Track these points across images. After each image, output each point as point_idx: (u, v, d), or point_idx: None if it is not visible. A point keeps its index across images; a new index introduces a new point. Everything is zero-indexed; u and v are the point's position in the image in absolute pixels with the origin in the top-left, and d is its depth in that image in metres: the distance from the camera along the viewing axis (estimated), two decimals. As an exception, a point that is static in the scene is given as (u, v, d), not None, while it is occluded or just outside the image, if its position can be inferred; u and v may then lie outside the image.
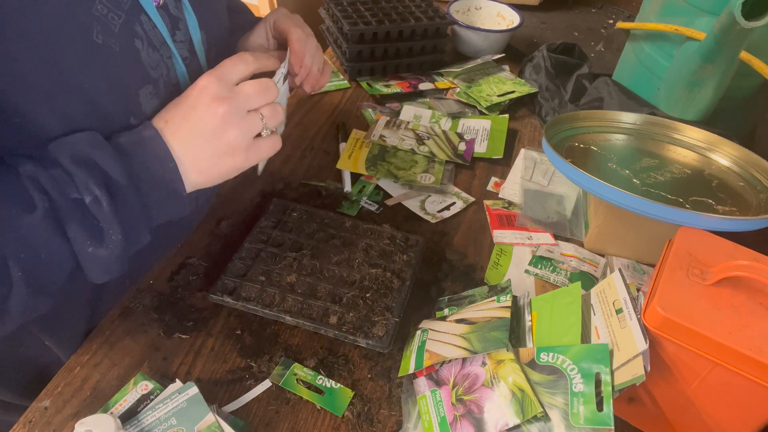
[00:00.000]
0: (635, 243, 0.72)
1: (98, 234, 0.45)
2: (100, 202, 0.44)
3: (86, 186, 0.44)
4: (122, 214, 0.45)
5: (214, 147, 0.50)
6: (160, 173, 0.48)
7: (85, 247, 0.45)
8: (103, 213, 0.44)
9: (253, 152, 0.52)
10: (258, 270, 0.65)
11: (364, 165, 0.84)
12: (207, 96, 0.49)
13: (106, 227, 0.45)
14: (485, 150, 0.90)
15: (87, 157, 0.44)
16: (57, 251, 0.44)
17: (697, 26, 0.77)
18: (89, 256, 0.45)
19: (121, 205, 0.45)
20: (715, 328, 0.46)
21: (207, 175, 0.51)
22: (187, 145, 0.49)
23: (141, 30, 0.49)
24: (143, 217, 0.48)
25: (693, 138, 0.79)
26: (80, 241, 0.45)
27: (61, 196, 0.43)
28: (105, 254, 0.46)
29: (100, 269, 0.47)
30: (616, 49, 1.22)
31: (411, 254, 0.69)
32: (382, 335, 0.59)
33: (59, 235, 0.44)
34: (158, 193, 0.48)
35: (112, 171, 0.45)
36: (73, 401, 0.54)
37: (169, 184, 0.49)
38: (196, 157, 0.49)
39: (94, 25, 0.44)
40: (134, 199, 0.46)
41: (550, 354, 0.50)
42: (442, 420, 0.52)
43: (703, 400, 0.50)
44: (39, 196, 0.43)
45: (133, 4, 0.47)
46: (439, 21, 1.02)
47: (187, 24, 0.55)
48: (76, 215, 0.44)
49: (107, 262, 0.46)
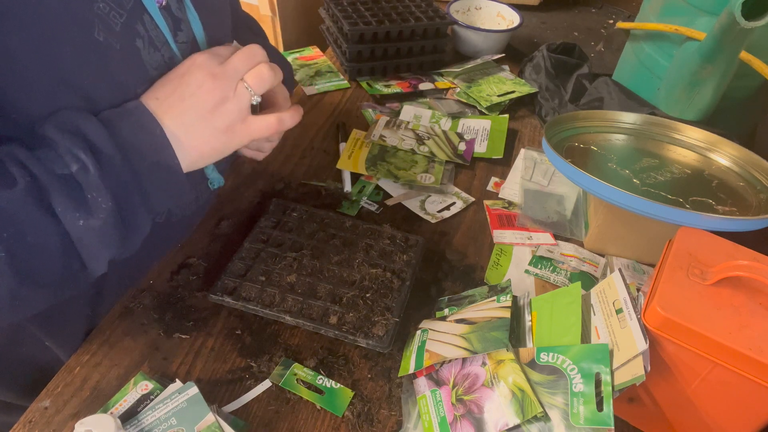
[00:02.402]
0: (635, 243, 0.72)
1: (86, 203, 0.43)
2: (86, 167, 0.42)
3: (71, 153, 0.42)
4: (110, 179, 0.44)
5: (209, 123, 0.49)
6: (148, 140, 0.47)
7: (75, 221, 0.43)
8: (89, 179, 0.43)
9: (246, 129, 0.51)
10: (258, 270, 0.65)
11: (364, 165, 0.84)
12: (199, 70, 0.49)
13: (94, 195, 0.43)
14: (485, 150, 0.90)
15: (72, 125, 0.43)
16: (44, 231, 0.42)
17: (697, 26, 0.77)
18: (81, 230, 0.43)
19: (108, 171, 0.44)
20: (715, 328, 0.46)
21: (202, 151, 0.50)
22: (180, 120, 0.48)
23: (143, 30, 0.49)
24: (135, 187, 0.46)
25: (693, 138, 0.79)
26: (69, 215, 0.42)
27: (43, 170, 0.42)
28: (97, 224, 0.43)
29: (97, 245, 0.45)
30: (616, 49, 1.22)
31: (411, 254, 0.69)
32: (382, 335, 0.59)
33: (45, 212, 0.42)
34: (148, 161, 0.47)
35: (97, 138, 0.43)
36: (73, 401, 0.54)
37: (159, 152, 0.47)
38: (190, 134, 0.49)
39: (96, 23, 0.44)
40: (123, 166, 0.45)
41: (550, 354, 0.50)
42: (442, 420, 0.52)
43: (703, 400, 0.50)
44: (18, 171, 0.41)
45: (135, 4, 0.47)
46: (439, 21, 1.02)
47: (189, 25, 0.55)
48: (60, 187, 0.42)
49: (102, 235, 0.44)
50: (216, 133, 0.50)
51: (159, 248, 0.67)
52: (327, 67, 1.08)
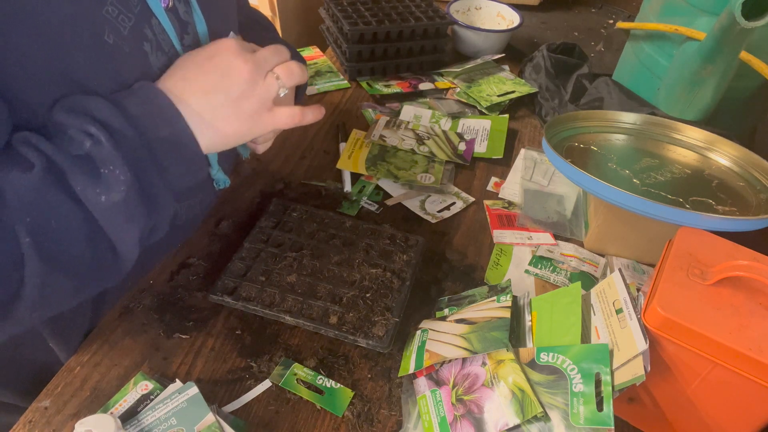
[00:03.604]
0: (635, 243, 0.72)
1: (105, 179, 0.42)
2: (98, 140, 0.42)
3: (83, 130, 0.42)
4: (125, 151, 0.43)
5: (236, 106, 0.49)
6: (157, 113, 0.46)
7: (96, 198, 0.42)
8: (103, 152, 0.42)
9: (270, 117, 0.51)
10: (258, 270, 0.65)
11: (364, 165, 0.84)
12: (230, 53, 0.49)
13: (110, 168, 0.42)
14: (485, 150, 0.90)
15: (79, 106, 0.43)
16: (67, 214, 0.42)
17: (697, 26, 0.77)
18: (104, 207, 0.43)
19: (121, 143, 0.43)
20: (715, 328, 0.46)
21: (225, 133, 0.49)
22: (206, 100, 0.48)
23: (151, 33, 0.49)
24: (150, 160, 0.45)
25: (693, 138, 0.79)
26: (89, 193, 0.42)
27: (57, 151, 0.42)
28: (119, 198, 0.43)
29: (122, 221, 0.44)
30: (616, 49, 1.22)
31: (411, 254, 0.69)
32: (382, 335, 0.59)
33: (65, 194, 0.42)
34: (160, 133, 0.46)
35: (106, 115, 0.43)
36: (73, 401, 0.54)
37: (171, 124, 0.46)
38: (215, 114, 0.48)
39: (105, 26, 0.44)
40: (136, 139, 0.44)
41: (550, 354, 0.50)
42: (442, 420, 0.52)
43: (703, 400, 0.50)
44: (34, 155, 0.41)
45: (143, 8, 0.48)
46: (439, 21, 1.02)
47: (196, 28, 0.55)
48: (76, 167, 0.42)
49: (126, 210, 0.43)
50: (241, 117, 0.49)
51: (161, 250, 0.67)
52: (327, 67, 1.08)
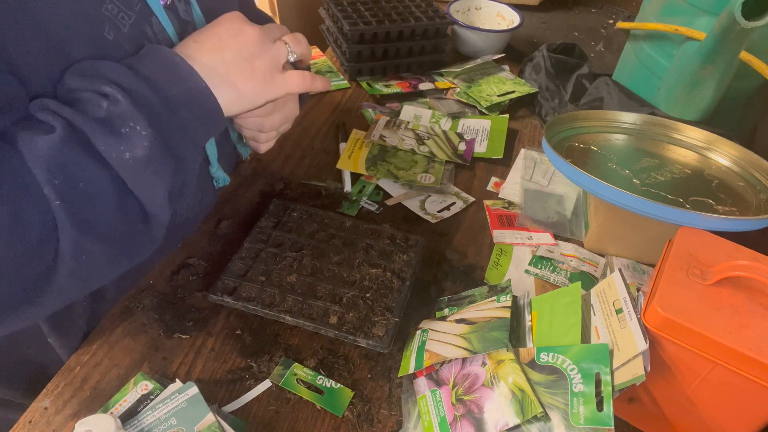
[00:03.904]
0: (635, 243, 0.72)
1: (126, 136, 0.43)
2: (115, 98, 0.42)
3: (97, 91, 0.43)
4: (142, 107, 0.43)
5: (248, 63, 0.50)
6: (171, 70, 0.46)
7: (120, 156, 0.42)
8: (121, 110, 0.43)
9: (282, 78, 0.53)
10: (258, 270, 0.65)
11: (364, 165, 0.84)
12: (238, 20, 0.52)
13: (131, 125, 0.43)
14: (485, 150, 0.90)
15: (92, 71, 0.43)
16: (94, 175, 0.42)
17: (697, 26, 0.77)
18: (130, 165, 0.43)
19: (137, 99, 0.43)
20: (715, 328, 0.46)
21: (241, 89, 0.50)
22: (220, 56, 0.49)
23: (151, 32, 0.49)
24: (169, 114, 0.45)
25: (693, 138, 0.79)
26: (113, 151, 0.42)
27: (75, 112, 0.42)
28: (143, 154, 0.43)
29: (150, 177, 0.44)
30: (616, 49, 1.22)
31: (411, 254, 0.69)
32: (382, 335, 0.59)
33: (89, 155, 0.42)
34: (175, 89, 0.46)
35: (119, 76, 0.44)
36: (73, 401, 0.54)
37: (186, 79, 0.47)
38: (229, 68, 0.49)
39: (106, 23, 0.45)
40: (152, 95, 0.44)
41: (550, 354, 0.50)
42: (442, 420, 0.52)
43: (703, 400, 0.50)
44: (53, 118, 0.41)
45: (143, 6, 0.48)
46: (439, 21, 1.02)
47: (195, 27, 0.55)
48: (96, 127, 0.42)
49: (152, 165, 0.44)
50: (255, 74, 0.51)
51: (161, 249, 0.67)
52: (327, 67, 1.08)
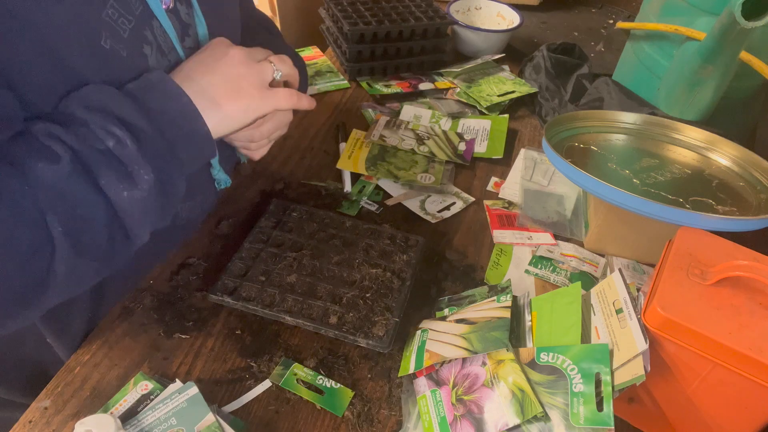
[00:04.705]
0: (635, 243, 0.72)
1: (128, 176, 0.44)
2: (123, 142, 0.43)
3: (106, 130, 0.43)
4: (148, 152, 0.45)
5: (236, 81, 0.52)
6: (176, 110, 0.48)
7: (119, 192, 0.44)
8: (128, 153, 0.44)
9: (269, 95, 0.54)
10: (258, 270, 0.65)
11: (364, 165, 0.84)
12: (223, 45, 0.53)
13: (135, 168, 0.44)
14: (485, 150, 0.90)
15: (100, 104, 0.44)
16: (91, 204, 0.43)
17: (697, 26, 0.77)
18: (126, 201, 0.44)
19: (144, 144, 0.45)
20: (715, 328, 0.46)
21: (229, 110, 0.51)
22: (209, 78, 0.51)
23: (151, 36, 0.49)
24: (171, 156, 0.47)
25: (693, 138, 0.79)
26: (113, 187, 0.44)
27: (82, 144, 0.43)
28: (140, 196, 0.45)
29: (140, 215, 0.46)
30: (616, 49, 1.22)
31: (411, 254, 0.69)
32: (382, 335, 0.59)
33: (91, 184, 0.43)
34: (179, 131, 0.48)
35: (127, 114, 0.45)
36: (73, 401, 0.54)
37: (188, 120, 0.48)
38: (218, 88, 0.51)
39: (103, 31, 0.44)
40: (156, 137, 0.46)
41: (550, 354, 0.50)
42: (442, 420, 0.52)
43: (703, 400, 0.50)
44: (60, 147, 0.42)
45: (144, 10, 0.48)
46: (439, 21, 1.02)
47: (197, 30, 0.55)
48: (102, 161, 0.43)
49: (145, 205, 0.46)
50: (242, 93, 0.52)
51: (161, 250, 0.67)
52: (327, 67, 1.08)
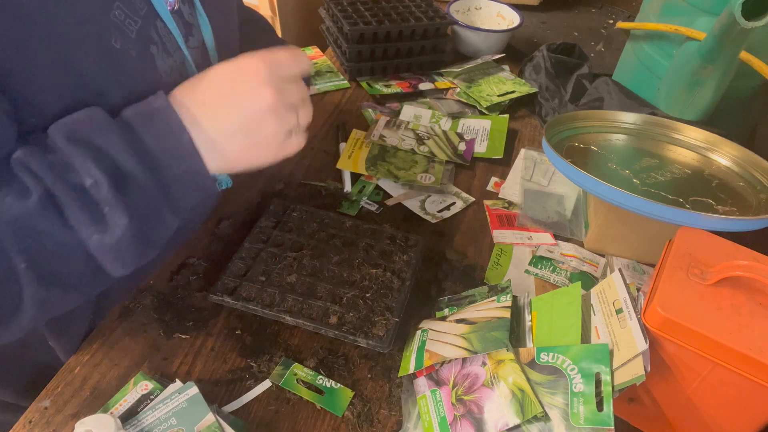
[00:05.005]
0: (635, 243, 0.72)
1: (100, 219, 0.41)
2: (99, 185, 0.41)
3: (85, 169, 0.41)
4: (129, 197, 0.42)
5: (251, 137, 0.47)
6: (174, 147, 0.44)
7: (88, 235, 0.41)
8: (103, 196, 0.41)
9: (283, 148, 0.49)
10: (258, 270, 0.65)
11: (364, 165, 0.84)
12: (256, 79, 0.46)
13: (108, 211, 0.41)
14: (485, 150, 0.90)
15: (86, 138, 0.42)
16: (62, 239, 0.41)
17: (697, 26, 0.77)
18: (96, 244, 0.42)
19: (128, 187, 0.42)
20: (715, 328, 0.46)
21: (233, 164, 0.48)
22: (222, 126, 0.46)
23: (156, 36, 0.49)
24: (161, 197, 0.44)
25: (693, 138, 0.79)
26: (82, 228, 0.41)
27: (56, 180, 0.40)
28: (110, 243, 0.42)
29: (113, 260, 0.43)
30: (616, 49, 1.22)
31: (411, 254, 0.69)
32: (382, 335, 0.59)
33: (61, 223, 0.41)
34: (175, 170, 0.44)
35: (115, 152, 0.42)
36: (73, 401, 0.54)
37: (186, 160, 0.44)
38: (228, 141, 0.46)
39: (112, 31, 0.44)
40: (145, 179, 0.43)
41: (550, 354, 0.50)
42: (442, 420, 0.52)
43: (703, 400, 0.50)
44: (32, 182, 0.40)
45: (149, 10, 0.48)
46: (439, 21, 1.02)
47: (200, 30, 0.55)
48: (74, 199, 0.41)
49: (118, 252, 0.43)
50: (253, 146, 0.48)
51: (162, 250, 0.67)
52: (327, 67, 1.08)
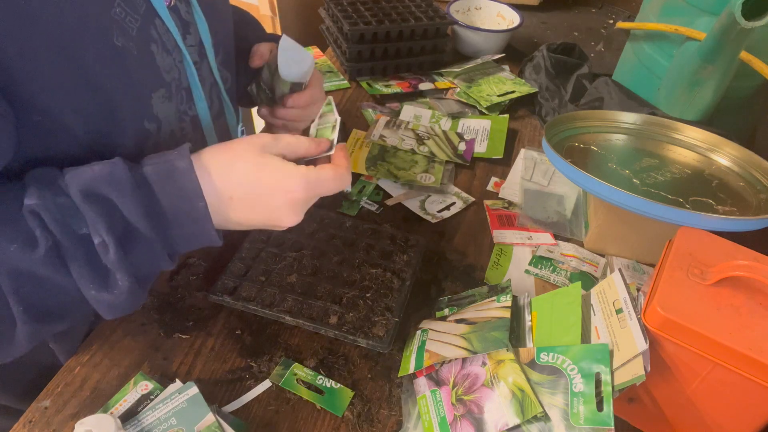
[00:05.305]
0: (635, 243, 0.72)
1: (103, 277, 0.43)
2: (107, 247, 0.42)
3: (95, 227, 0.42)
4: (134, 257, 0.44)
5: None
6: (186, 211, 0.45)
7: (87, 290, 0.43)
8: (109, 258, 0.43)
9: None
10: (258, 270, 0.65)
11: (364, 165, 0.83)
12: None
13: (111, 271, 0.44)
14: (485, 150, 0.90)
15: (102, 196, 0.43)
16: (61, 286, 0.43)
17: (697, 26, 0.77)
18: (92, 297, 0.44)
19: (134, 247, 0.44)
20: (715, 328, 0.46)
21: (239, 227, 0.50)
22: (242, 219, 0.49)
23: (156, 34, 0.49)
24: (163, 251, 0.46)
25: (693, 138, 0.79)
26: (83, 282, 0.43)
27: (65, 233, 0.42)
28: (108, 299, 0.44)
29: (107, 311, 0.45)
30: (616, 49, 1.22)
31: (411, 254, 0.69)
32: (382, 335, 0.59)
33: (63, 273, 0.42)
34: (183, 230, 0.46)
35: (128, 213, 0.43)
36: (73, 401, 0.54)
37: (197, 223, 0.46)
38: (238, 227, 0.50)
39: (114, 28, 0.44)
40: (153, 238, 0.44)
41: (550, 354, 0.50)
42: (442, 420, 0.52)
43: (703, 400, 0.50)
44: (41, 234, 0.41)
45: (147, 8, 0.48)
46: (439, 21, 1.02)
47: (197, 28, 0.55)
48: (79, 254, 0.42)
49: (113, 306, 0.45)
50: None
51: None
52: (327, 67, 1.08)
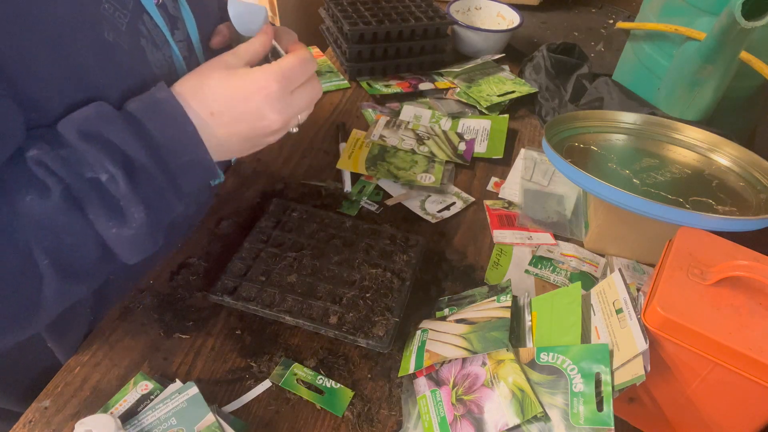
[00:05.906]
0: (635, 243, 0.72)
1: (119, 213, 0.44)
2: (116, 180, 0.43)
3: (100, 164, 0.42)
4: (142, 189, 0.44)
5: (251, 141, 0.52)
6: (178, 138, 0.46)
7: (108, 229, 0.43)
8: (120, 191, 0.43)
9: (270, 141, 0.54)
10: (258, 270, 0.65)
11: (364, 165, 0.84)
12: (267, 100, 0.49)
13: (125, 205, 0.43)
14: (485, 150, 0.90)
15: (96, 133, 0.43)
16: (81, 234, 0.43)
17: (697, 26, 0.77)
18: (114, 237, 0.44)
19: (140, 179, 0.44)
20: (715, 328, 0.46)
21: (231, 154, 0.52)
22: (227, 134, 0.49)
23: (145, 29, 0.49)
24: (168, 186, 0.46)
25: (693, 138, 0.79)
26: (102, 222, 0.43)
27: (73, 176, 0.42)
28: (129, 234, 0.44)
29: (130, 249, 0.46)
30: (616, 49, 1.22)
31: (411, 254, 0.69)
32: (382, 335, 0.59)
33: (80, 217, 0.43)
34: (180, 159, 0.46)
35: (125, 144, 0.43)
36: (73, 401, 0.54)
37: (191, 150, 0.47)
38: (230, 145, 0.51)
39: (104, 24, 0.44)
40: (154, 169, 0.45)
41: (550, 354, 0.50)
42: (442, 420, 0.52)
43: (703, 400, 0.50)
44: (51, 180, 0.41)
45: (135, 4, 0.48)
46: (439, 21, 1.02)
47: (185, 23, 0.55)
48: (93, 195, 0.42)
49: (135, 241, 0.45)
50: (251, 148, 0.53)
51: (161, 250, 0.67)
52: (327, 67, 1.08)
